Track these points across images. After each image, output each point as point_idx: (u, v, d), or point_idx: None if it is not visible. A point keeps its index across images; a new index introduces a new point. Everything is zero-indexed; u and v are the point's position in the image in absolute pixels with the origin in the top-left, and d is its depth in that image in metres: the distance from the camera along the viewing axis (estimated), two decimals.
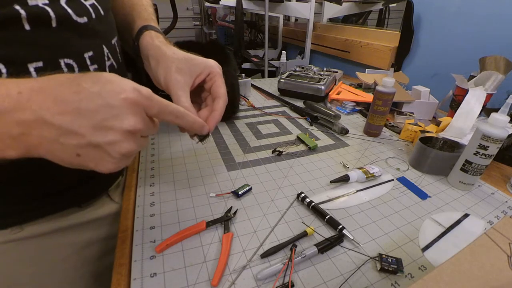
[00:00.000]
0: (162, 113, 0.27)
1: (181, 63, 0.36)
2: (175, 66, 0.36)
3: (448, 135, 0.59)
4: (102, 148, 0.24)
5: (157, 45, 0.40)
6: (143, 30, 0.42)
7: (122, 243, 0.36)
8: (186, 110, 0.33)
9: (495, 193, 0.47)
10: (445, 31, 0.86)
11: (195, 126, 0.32)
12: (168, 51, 0.38)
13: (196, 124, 0.32)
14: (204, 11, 2.84)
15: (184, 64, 0.36)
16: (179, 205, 0.41)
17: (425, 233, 0.38)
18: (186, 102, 0.35)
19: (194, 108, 0.35)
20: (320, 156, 0.56)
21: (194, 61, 0.37)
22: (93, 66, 0.38)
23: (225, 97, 0.37)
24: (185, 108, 0.33)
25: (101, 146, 0.24)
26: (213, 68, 0.37)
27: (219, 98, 0.37)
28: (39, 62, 0.31)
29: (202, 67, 0.37)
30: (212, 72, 0.37)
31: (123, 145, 0.24)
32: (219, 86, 0.37)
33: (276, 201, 0.43)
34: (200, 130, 0.33)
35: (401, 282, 0.31)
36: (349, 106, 0.79)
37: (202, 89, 0.40)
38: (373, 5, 1.22)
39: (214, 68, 0.38)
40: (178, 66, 0.36)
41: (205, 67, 0.37)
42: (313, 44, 1.39)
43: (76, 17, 0.35)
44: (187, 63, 0.36)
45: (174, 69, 0.36)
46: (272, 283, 0.30)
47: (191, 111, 0.34)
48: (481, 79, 0.62)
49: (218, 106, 0.36)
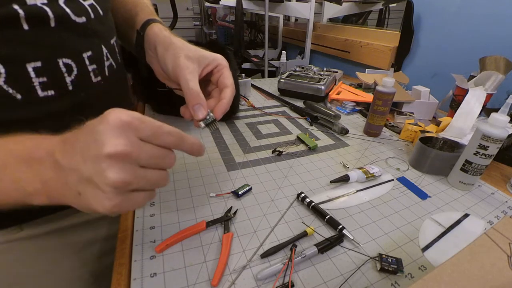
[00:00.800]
0: (157, 135, 0.24)
1: (190, 52, 0.36)
2: (184, 53, 0.36)
3: (448, 135, 0.59)
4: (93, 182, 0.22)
5: (166, 35, 0.40)
6: (150, 21, 0.42)
7: (122, 243, 0.36)
8: (195, 93, 0.33)
9: (495, 193, 0.47)
10: (445, 31, 0.86)
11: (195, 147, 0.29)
12: (177, 41, 0.38)
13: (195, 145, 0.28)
14: (204, 11, 2.84)
15: (193, 54, 0.36)
16: (179, 205, 0.41)
17: (425, 233, 0.38)
18: (195, 86, 0.34)
19: (202, 94, 0.34)
20: (320, 156, 0.56)
21: (202, 53, 0.37)
22: (92, 66, 0.38)
23: (232, 87, 0.37)
24: (194, 92, 0.33)
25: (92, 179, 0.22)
26: (221, 61, 0.38)
27: (227, 87, 0.37)
28: (38, 62, 0.31)
29: (210, 59, 0.37)
30: (220, 64, 0.38)
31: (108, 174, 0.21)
32: (227, 77, 0.37)
33: (276, 201, 0.43)
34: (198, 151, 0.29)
35: (401, 282, 0.31)
36: (349, 106, 0.79)
37: (208, 83, 0.40)
38: (373, 5, 1.22)
39: (222, 61, 0.38)
40: (187, 54, 0.36)
41: (213, 60, 0.37)
42: (313, 44, 1.39)
43: (75, 17, 0.35)
44: (196, 53, 0.37)
45: (183, 56, 0.36)
46: (272, 283, 0.30)
47: (200, 96, 0.33)
48: (481, 79, 0.62)
49: (225, 94, 0.36)
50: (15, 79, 0.30)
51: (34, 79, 0.32)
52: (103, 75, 0.40)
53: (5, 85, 0.30)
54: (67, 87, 0.35)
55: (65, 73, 0.34)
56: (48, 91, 0.33)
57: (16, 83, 0.31)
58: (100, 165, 0.21)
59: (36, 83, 0.32)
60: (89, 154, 0.22)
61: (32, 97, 0.32)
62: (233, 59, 0.71)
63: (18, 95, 0.31)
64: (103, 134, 0.22)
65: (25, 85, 0.31)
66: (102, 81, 0.40)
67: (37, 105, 0.33)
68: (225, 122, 0.70)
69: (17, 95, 0.31)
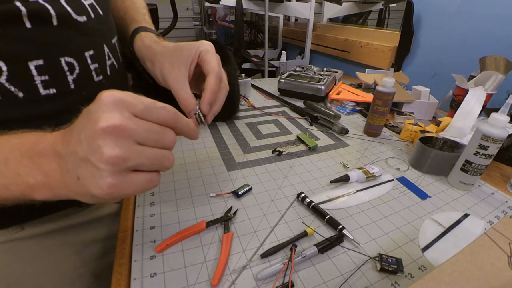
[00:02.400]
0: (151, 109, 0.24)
1: (172, 56, 0.36)
2: (167, 62, 0.36)
3: (448, 135, 0.59)
4: (89, 161, 0.21)
5: (148, 45, 0.40)
6: (135, 34, 0.43)
7: (122, 243, 0.36)
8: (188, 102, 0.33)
9: (495, 193, 0.47)
10: (445, 31, 0.86)
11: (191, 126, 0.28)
12: (158, 48, 0.38)
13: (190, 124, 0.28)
14: (204, 11, 2.84)
15: (175, 57, 0.36)
16: (179, 205, 0.41)
17: (425, 233, 0.38)
18: (185, 93, 0.33)
19: (194, 97, 0.33)
20: (320, 156, 0.56)
21: (183, 50, 0.36)
22: (93, 65, 0.38)
23: (214, 72, 0.34)
24: (183, 99, 0.33)
25: (88, 158, 0.21)
26: (201, 48, 0.35)
27: (208, 74, 0.34)
28: (40, 60, 0.31)
29: (192, 53, 0.35)
30: (201, 52, 0.35)
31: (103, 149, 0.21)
32: (208, 62, 0.34)
33: (276, 201, 0.43)
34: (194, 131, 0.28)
35: (401, 282, 0.31)
36: (349, 106, 0.79)
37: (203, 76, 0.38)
38: (373, 5, 1.22)
39: (203, 47, 0.35)
40: (169, 61, 0.36)
41: (195, 52, 0.35)
42: (313, 44, 1.39)
43: (76, 16, 0.35)
44: (177, 54, 0.36)
45: (167, 66, 0.35)
46: (272, 283, 0.30)
47: (192, 102, 0.33)
48: (481, 79, 0.62)
49: (207, 83, 0.33)
50: (17, 77, 0.30)
51: (36, 77, 0.32)
52: (105, 74, 0.40)
53: (7, 83, 0.30)
54: (69, 86, 0.35)
55: (67, 72, 0.34)
56: (50, 90, 0.33)
57: (18, 81, 0.31)
58: (95, 142, 0.21)
59: (38, 81, 0.32)
60: (85, 134, 0.22)
61: (34, 96, 0.32)
62: (233, 59, 0.71)
63: (20, 93, 0.31)
64: (96, 112, 0.21)
65: (27, 83, 0.31)
66: (104, 80, 0.40)
67: (39, 104, 0.33)
68: (225, 122, 0.70)
69: (19, 93, 0.31)
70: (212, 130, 0.66)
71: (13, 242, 0.39)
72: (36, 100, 0.32)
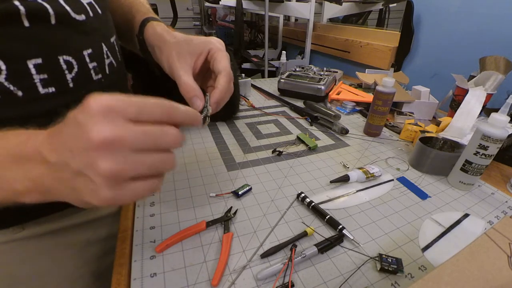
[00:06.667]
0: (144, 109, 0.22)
1: (181, 47, 0.36)
2: (175, 51, 0.36)
3: (448, 135, 0.59)
4: (85, 175, 0.21)
5: (160, 33, 0.40)
6: (145, 22, 0.42)
7: (122, 243, 0.36)
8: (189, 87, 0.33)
9: (495, 193, 0.47)
10: (445, 31, 0.86)
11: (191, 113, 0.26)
12: (169, 37, 0.38)
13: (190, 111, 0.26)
14: (204, 11, 2.84)
15: (184, 48, 0.36)
16: (179, 205, 0.41)
17: (425, 233, 0.38)
18: (188, 79, 0.33)
19: (196, 84, 0.33)
20: (320, 156, 0.56)
21: (193, 42, 0.36)
22: (92, 63, 0.38)
23: (226, 72, 0.34)
24: (185, 84, 0.33)
25: (83, 173, 0.21)
26: (212, 45, 0.36)
27: (219, 73, 0.34)
28: (38, 59, 0.31)
29: (201, 46, 0.36)
30: (212, 49, 0.36)
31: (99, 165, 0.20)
32: (219, 61, 0.35)
33: (276, 201, 0.43)
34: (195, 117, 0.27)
35: (401, 282, 0.31)
36: (349, 106, 0.79)
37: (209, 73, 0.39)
38: (373, 5, 1.22)
39: (214, 45, 0.36)
40: (178, 51, 0.36)
41: (205, 47, 0.36)
42: (313, 44, 1.39)
43: (75, 15, 0.35)
44: (186, 46, 0.36)
45: (174, 55, 0.36)
46: (272, 283, 0.30)
47: (193, 88, 0.33)
48: (481, 79, 0.62)
49: (218, 83, 0.34)
50: (16, 76, 0.30)
51: (35, 76, 0.32)
52: (104, 73, 0.40)
53: (6, 82, 0.30)
54: (68, 84, 0.35)
55: (66, 70, 0.34)
56: (49, 88, 0.33)
57: (17, 80, 0.31)
58: (89, 157, 0.20)
59: (37, 80, 0.32)
60: (77, 146, 0.20)
61: (33, 94, 0.32)
62: (233, 59, 0.71)
63: (20, 92, 0.31)
64: (86, 123, 0.20)
65: (26, 82, 0.31)
66: (103, 78, 0.40)
67: (38, 102, 0.33)
68: (225, 122, 0.70)
69: (18, 92, 0.31)
70: (212, 130, 0.66)
71: (13, 242, 0.39)
72: (35, 98, 0.32)
